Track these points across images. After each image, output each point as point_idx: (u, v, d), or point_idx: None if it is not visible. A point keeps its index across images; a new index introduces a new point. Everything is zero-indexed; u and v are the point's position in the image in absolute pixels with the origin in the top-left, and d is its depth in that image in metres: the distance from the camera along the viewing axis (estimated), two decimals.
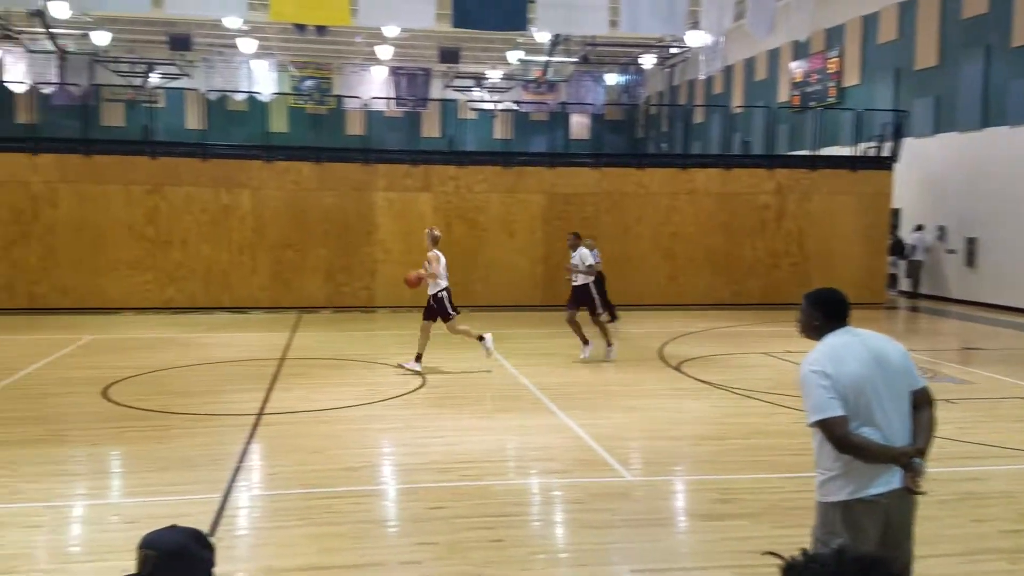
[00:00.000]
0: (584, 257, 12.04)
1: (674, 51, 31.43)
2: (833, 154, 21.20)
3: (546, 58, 29.59)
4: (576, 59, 30.48)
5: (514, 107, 32.91)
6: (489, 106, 34.58)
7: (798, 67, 27.15)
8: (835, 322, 3.76)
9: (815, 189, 19.48)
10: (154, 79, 32.45)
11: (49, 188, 17.17)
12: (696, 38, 23.81)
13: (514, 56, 30.99)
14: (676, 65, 33.76)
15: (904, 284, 21.54)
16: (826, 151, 21.48)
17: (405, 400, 9.78)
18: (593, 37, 26.93)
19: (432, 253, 11.25)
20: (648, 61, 31.97)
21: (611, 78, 33.48)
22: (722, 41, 24.84)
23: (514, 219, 18.56)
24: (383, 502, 6.69)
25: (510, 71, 33.91)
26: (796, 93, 27.24)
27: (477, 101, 34.51)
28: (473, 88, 34.75)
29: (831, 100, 25.01)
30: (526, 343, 13.46)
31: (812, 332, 3.83)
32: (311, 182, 18.01)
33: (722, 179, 19.31)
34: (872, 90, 23.43)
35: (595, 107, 32.22)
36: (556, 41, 27.45)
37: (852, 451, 3.54)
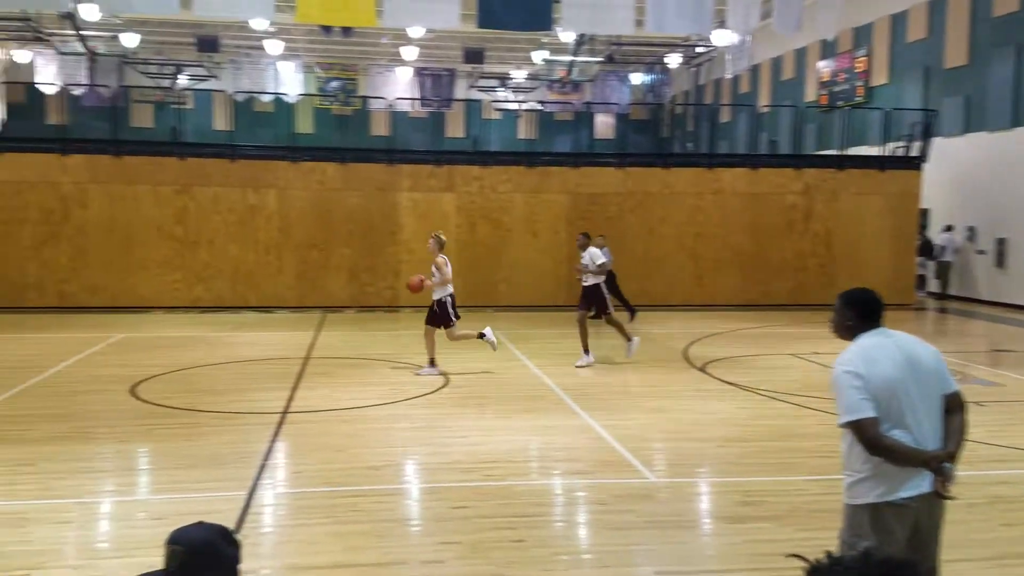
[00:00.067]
0: (595, 256, 11.90)
1: (700, 50, 31.27)
2: (861, 154, 20.98)
3: (571, 58, 29.54)
4: (601, 59, 30.39)
5: (538, 107, 32.89)
6: (513, 106, 34.60)
7: (826, 66, 26.92)
8: (869, 322, 3.73)
9: (843, 189, 19.29)
10: (182, 81, 32.82)
11: (79, 189, 17.40)
12: (722, 37, 23.71)
13: (539, 56, 30.97)
14: (702, 64, 33.59)
15: (933, 285, 21.28)
16: (854, 151, 21.26)
17: (428, 400, 9.80)
18: (618, 36, 26.85)
19: (440, 258, 11.04)
20: (674, 60, 31.82)
21: (636, 77, 33.35)
22: (749, 40, 24.72)
23: (538, 219, 18.55)
24: (406, 501, 6.72)
25: (535, 71, 33.90)
26: (824, 92, 27.01)
27: (501, 101, 34.54)
28: (497, 88, 34.79)
29: (859, 99, 24.77)
30: (550, 343, 13.44)
31: (845, 332, 3.79)
32: (336, 182, 18.12)
33: (749, 179, 19.19)
34: (901, 89, 23.18)
35: (620, 107, 32.12)
36: (581, 41, 27.40)
37: (883, 453, 3.50)
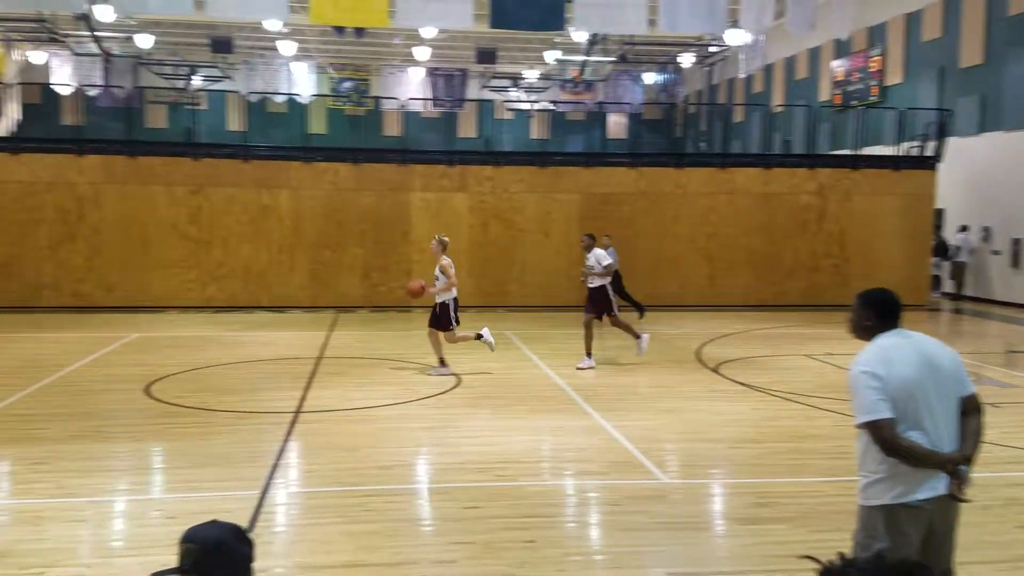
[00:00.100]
0: (600, 258, 11.74)
1: (713, 50, 31.17)
2: (875, 154, 20.87)
3: (583, 58, 29.50)
4: (614, 58, 30.34)
5: (551, 107, 32.87)
6: (526, 106, 34.59)
7: (839, 66, 26.79)
8: (887, 323, 3.71)
9: (857, 189, 19.19)
10: (196, 81, 32.99)
11: (94, 189, 17.50)
12: (736, 37, 23.64)
13: (551, 56, 30.95)
14: (715, 64, 33.49)
15: (948, 286, 21.15)
16: (868, 151, 21.15)
17: (440, 400, 9.81)
18: (631, 36, 26.79)
19: (446, 260, 10.95)
20: (687, 60, 31.74)
21: (649, 77, 33.29)
22: (762, 40, 24.63)
23: (550, 219, 18.54)
24: (418, 501, 6.72)
25: (547, 71, 33.89)
26: (837, 92, 26.88)
27: (514, 101, 34.54)
28: (510, 88, 34.80)
29: (873, 99, 24.64)
30: (562, 344, 13.42)
31: (863, 332, 3.77)
32: (348, 182, 18.16)
33: (762, 179, 19.11)
34: (915, 89, 23.04)
35: (633, 106, 32.06)
36: (594, 40, 27.36)
37: (899, 455, 3.48)
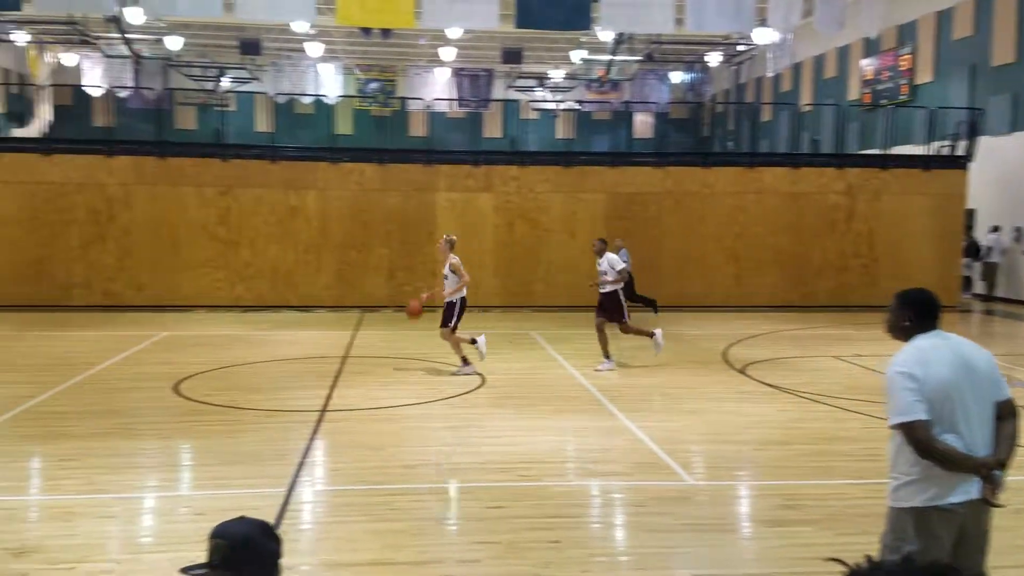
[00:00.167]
0: (613, 263, 11.48)
1: (741, 48, 30.93)
2: (905, 153, 20.63)
3: (610, 57, 29.40)
4: (640, 58, 30.22)
5: (577, 107, 32.81)
6: (551, 106, 34.56)
7: (869, 64, 26.51)
8: (925, 324, 3.67)
9: (886, 189, 18.98)
10: (225, 83, 33.31)
11: (125, 190, 17.71)
12: (763, 35, 23.46)
13: (577, 56, 30.89)
14: (743, 63, 33.25)
15: (979, 287, 20.86)
16: (898, 150, 20.90)
17: (465, 399, 9.82)
18: (658, 35, 26.68)
19: (456, 259, 10.93)
20: (714, 59, 31.55)
21: (676, 76, 33.12)
22: (790, 38, 24.42)
23: (576, 219, 18.50)
24: (442, 500, 6.74)
25: (573, 70, 33.82)
26: (867, 91, 26.60)
27: (539, 101, 34.52)
28: (535, 88, 34.78)
29: (903, 98, 24.36)
30: (586, 344, 13.38)
31: (900, 333, 3.73)
32: (374, 183, 18.24)
33: (790, 178, 18.95)
34: (946, 87, 22.74)
35: (659, 105, 31.92)
36: (620, 40, 27.27)
37: (933, 457, 3.44)
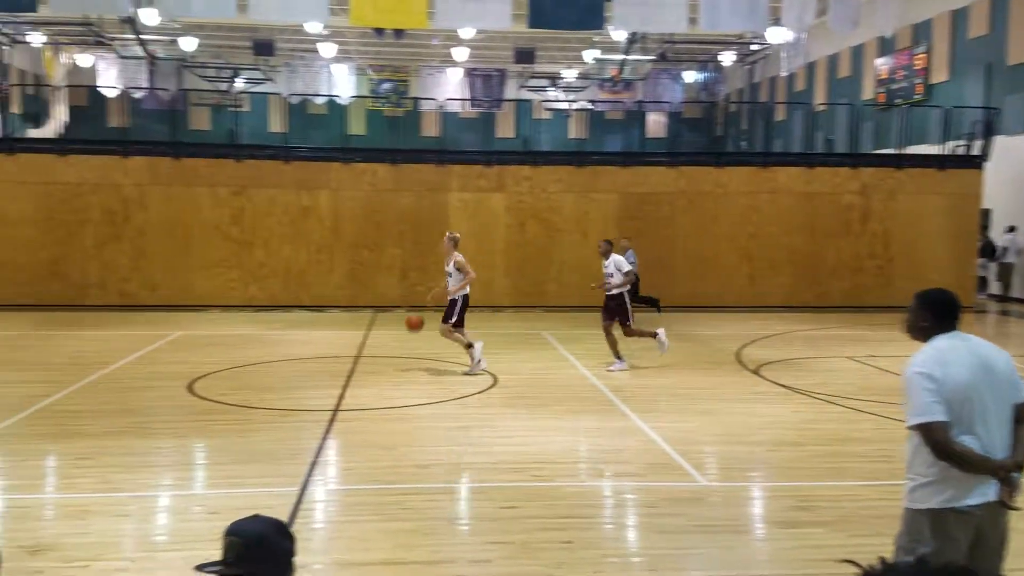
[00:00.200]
0: (619, 264, 11.33)
1: (755, 48, 30.85)
2: (920, 153, 20.50)
3: (623, 56, 29.37)
4: (653, 57, 30.16)
5: (589, 106, 32.77)
6: (564, 106, 34.53)
7: (883, 63, 26.36)
8: (944, 324, 3.65)
9: (901, 189, 18.86)
10: (239, 84, 33.46)
11: (140, 190, 17.81)
12: (777, 34, 23.38)
13: (590, 55, 30.85)
14: (757, 62, 33.14)
15: (994, 287, 20.71)
16: (912, 150, 20.77)
17: (477, 399, 9.83)
18: (671, 35, 26.63)
19: (461, 257, 10.98)
20: (728, 58, 31.45)
21: (689, 76, 33.03)
22: (804, 37, 24.33)
23: (588, 219, 18.47)
24: (455, 500, 6.74)
25: (586, 70, 33.78)
26: (881, 90, 26.45)
27: (552, 101, 34.50)
28: (548, 88, 34.76)
29: (918, 97, 24.21)
30: (599, 344, 13.34)
31: (919, 333, 3.72)
32: (387, 183, 18.27)
33: (804, 178, 18.86)
34: (961, 86, 22.59)
35: (672, 105, 31.84)
36: (633, 39, 27.23)
37: (951, 459, 3.42)
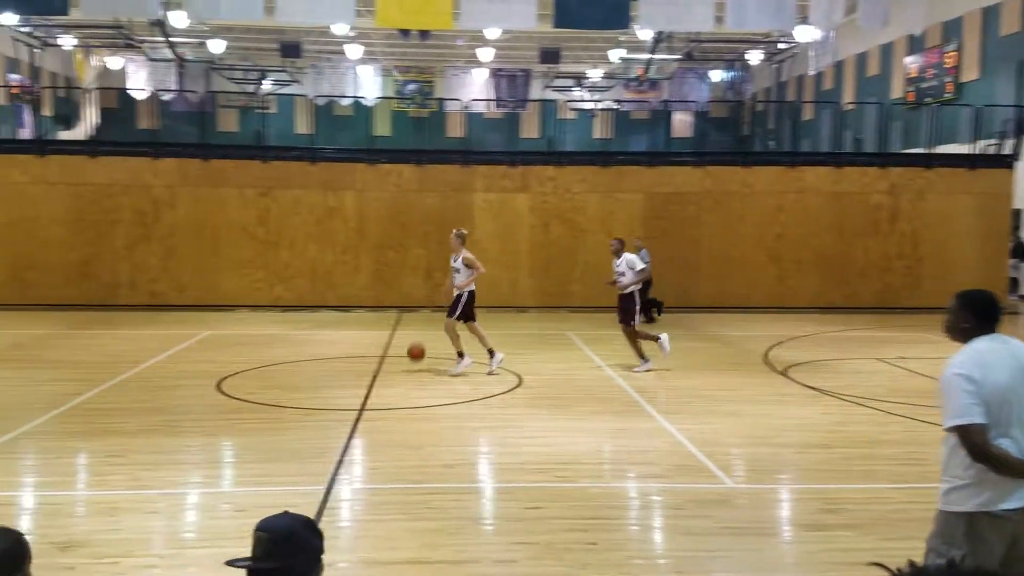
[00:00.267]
0: (632, 263, 11.29)
1: (782, 46, 30.59)
2: (950, 152, 20.25)
3: (648, 56, 29.25)
4: (680, 56, 30.01)
5: (615, 106, 32.66)
6: (589, 106, 34.45)
7: (913, 62, 26.06)
8: (985, 326, 3.61)
9: (930, 189, 18.64)
10: (266, 86, 33.73)
11: (169, 191, 18.01)
12: (805, 33, 23.17)
13: (615, 55, 30.75)
14: (784, 61, 32.87)
15: None
16: (942, 149, 20.51)
17: (502, 399, 9.84)
18: (697, 33, 26.48)
19: (469, 254, 11.08)
20: (755, 57, 31.20)
21: (716, 75, 32.83)
22: (832, 36, 24.12)
23: (613, 219, 18.41)
24: (480, 500, 6.76)
25: (611, 70, 33.68)
26: (911, 89, 26.15)
27: (577, 101, 34.43)
28: (573, 88, 34.70)
29: (948, 96, 23.90)
30: (624, 345, 13.32)
31: (959, 334, 3.68)
32: (412, 184, 18.35)
33: (833, 178, 18.69)
34: (992, 85, 22.28)
35: (698, 104, 31.66)
36: (659, 38, 27.11)
37: (988, 461, 3.39)
